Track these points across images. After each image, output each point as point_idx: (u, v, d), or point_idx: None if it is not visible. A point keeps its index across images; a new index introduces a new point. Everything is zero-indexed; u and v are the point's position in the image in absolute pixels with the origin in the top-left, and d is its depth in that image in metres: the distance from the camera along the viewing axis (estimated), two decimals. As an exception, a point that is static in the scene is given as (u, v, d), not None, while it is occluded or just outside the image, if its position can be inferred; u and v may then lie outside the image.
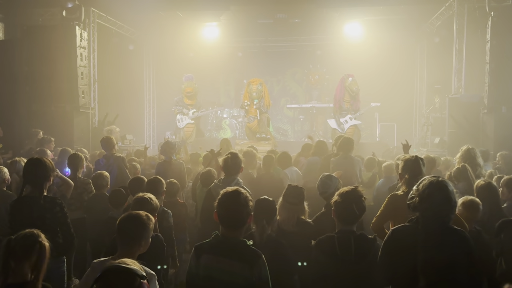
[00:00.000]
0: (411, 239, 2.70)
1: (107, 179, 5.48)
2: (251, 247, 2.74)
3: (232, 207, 2.75)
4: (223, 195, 2.82)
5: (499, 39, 9.29)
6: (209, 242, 2.76)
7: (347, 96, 12.86)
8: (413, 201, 2.78)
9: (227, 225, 2.77)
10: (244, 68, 17.01)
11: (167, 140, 7.55)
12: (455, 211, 2.81)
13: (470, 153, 5.43)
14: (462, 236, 2.77)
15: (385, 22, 14.05)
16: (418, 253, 2.64)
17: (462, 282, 2.67)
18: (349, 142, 6.34)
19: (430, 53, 14.67)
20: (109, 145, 6.72)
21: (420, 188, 2.78)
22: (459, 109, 10.61)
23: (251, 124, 12.56)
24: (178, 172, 6.60)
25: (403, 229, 2.83)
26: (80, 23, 10.73)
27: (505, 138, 9.03)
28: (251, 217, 2.82)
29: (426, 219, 2.72)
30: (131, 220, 2.87)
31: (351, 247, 2.99)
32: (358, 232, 3.12)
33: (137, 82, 16.18)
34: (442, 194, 2.73)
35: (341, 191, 3.22)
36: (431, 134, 12.78)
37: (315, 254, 3.11)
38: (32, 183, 3.86)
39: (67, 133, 10.13)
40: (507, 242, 3.32)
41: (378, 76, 14.46)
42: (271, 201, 3.57)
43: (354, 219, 3.13)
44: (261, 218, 3.36)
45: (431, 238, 2.68)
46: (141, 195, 3.69)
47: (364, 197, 3.22)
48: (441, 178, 2.86)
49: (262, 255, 2.72)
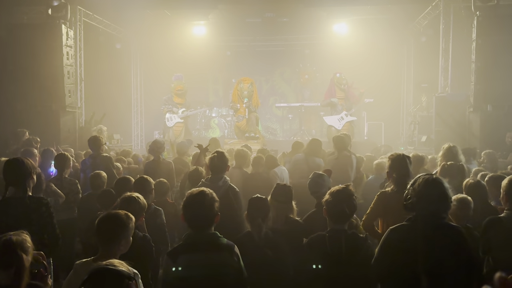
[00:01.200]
0: (410, 238, 2.71)
1: (104, 179, 5.41)
2: (222, 238, 2.79)
3: (197, 209, 2.78)
4: (188, 197, 2.84)
5: (484, 38, 9.40)
6: (182, 244, 2.77)
7: (339, 93, 12.90)
8: (410, 201, 2.79)
9: (194, 227, 2.80)
10: (232, 67, 16.97)
11: (155, 139, 7.48)
12: (451, 208, 2.83)
13: (452, 151, 5.47)
14: (460, 233, 2.80)
15: (373, 21, 14.13)
16: (418, 252, 2.64)
17: (461, 278, 2.69)
18: (342, 140, 6.31)
19: (417, 52, 14.80)
20: (96, 145, 6.63)
21: (416, 187, 2.79)
22: (445, 107, 10.71)
23: (240, 123, 12.53)
24: (167, 171, 6.55)
25: (401, 228, 2.83)
26: (66, 21, 10.57)
27: (490, 136, 9.15)
28: (218, 217, 2.84)
29: (424, 218, 2.73)
30: (109, 220, 2.83)
31: (342, 246, 2.99)
32: (349, 231, 3.11)
33: (125, 81, 16.03)
34: (438, 192, 2.75)
35: (332, 190, 3.21)
36: (418, 133, 12.88)
37: (306, 252, 3.10)
38: (14, 184, 3.78)
39: (53, 132, 9.99)
40: (494, 239, 3.34)
41: (366, 75, 14.53)
42: (264, 199, 3.56)
43: (345, 218, 3.12)
44: (256, 217, 3.36)
45: (431, 237, 2.69)
46: (128, 194, 3.64)
47: (355, 196, 3.22)
48: (435, 175, 2.87)
49: (235, 245, 2.78)
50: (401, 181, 3.74)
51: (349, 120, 12.80)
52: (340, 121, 12.78)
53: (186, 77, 14.71)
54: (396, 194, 3.73)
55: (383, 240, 2.86)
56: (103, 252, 2.71)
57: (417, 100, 14.61)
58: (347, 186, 3.23)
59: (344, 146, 6.14)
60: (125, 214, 2.87)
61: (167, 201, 5.32)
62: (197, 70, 16.02)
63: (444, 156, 5.49)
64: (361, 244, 3.05)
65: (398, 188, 3.75)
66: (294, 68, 17.51)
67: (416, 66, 14.95)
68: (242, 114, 12.45)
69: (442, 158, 5.52)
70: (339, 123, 12.74)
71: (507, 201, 3.45)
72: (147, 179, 4.50)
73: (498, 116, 9.43)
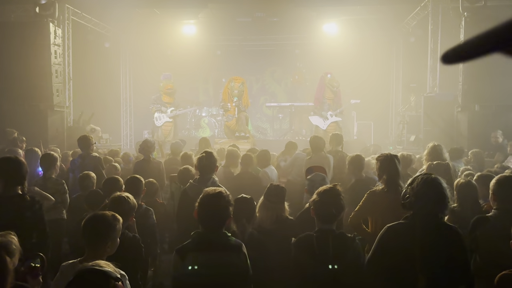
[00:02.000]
0: (408, 236, 2.73)
1: (93, 180, 5.35)
2: (231, 237, 2.80)
3: (213, 210, 2.77)
4: (205, 196, 2.81)
5: (472, 39, 9.48)
6: (191, 242, 2.75)
7: (329, 93, 12.94)
8: (409, 200, 2.80)
9: (206, 226, 2.78)
10: (223, 67, 16.93)
11: (145, 139, 7.43)
12: (448, 207, 2.85)
13: (437, 150, 5.52)
14: (456, 232, 2.83)
15: (362, 22, 14.21)
16: (416, 251, 2.66)
17: (457, 277, 2.72)
18: (318, 140, 6.33)
19: (405, 53, 14.92)
20: (86, 144, 6.57)
21: (414, 186, 2.81)
22: (434, 107, 10.82)
23: (229, 123, 12.51)
24: (157, 171, 6.50)
25: (399, 226, 2.84)
26: (54, 19, 10.47)
27: (478, 136, 9.25)
28: (230, 219, 2.85)
29: (422, 217, 2.75)
30: (96, 221, 2.79)
31: (329, 246, 2.99)
32: (337, 231, 3.11)
33: (113, 80, 15.91)
34: (437, 192, 2.77)
35: (320, 190, 3.20)
36: (406, 132, 12.95)
37: (294, 252, 3.11)
38: (13, 182, 3.77)
39: (41, 132, 9.87)
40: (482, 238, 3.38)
41: (355, 75, 14.63)
42: (249, 199, 3.56)
43: (333, 218, 3.12)
44: (241, 217, 3.36)
45: (429, 236, 2.71)
46: (117, 194, 3.60)
47: (342, 196, 3.21)
48: (433, 175, 2.89)
49: (243, 244, 2.79)
50: (392, 181, 3.77)
51: (334, 120, 12.86)
52: (325, 121, 12.83)
53: (176, 76, 14.66)
54: (387, 193, 3.75)
55: (380, 238, 2.87)
56: (90, 254, 2.69)
57: (406, 100, 14.72)
58: (334, 186, 3.23)
59: (320, 147, 6.16)
60: (112, 215, 2.84)
61: (156, 201, 5.29)
62: (187, 69, 15.98)
63: (429, 155, 5.54)
64: (349, 244, 3.05)
65: (389, 188, 3.77)
66: (285, 68, 17.55)
67: (405, 66, 15.07)
68: (231, 113, 12.43)
69: (427, 156, 5.58)
70: (323, 123, 12.81)
71: (495, 201, 3.49)
72: (139, 179, 4.47)
73: (486, 116, 9.54)
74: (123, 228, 3.43)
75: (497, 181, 3.50)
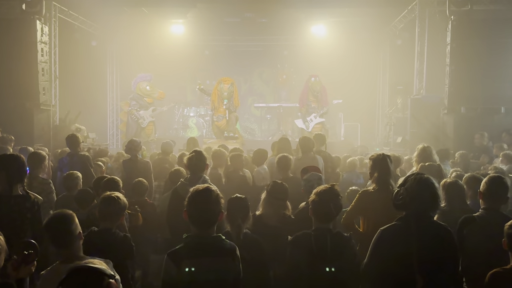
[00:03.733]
0: (404, 238, 2.75)
1: (79, 179, 5.27)
2: (226, 240, 2.72)
3: (204, 206, 2.67)
4: (193, 193, 2.71)
5: (458, 42, 9.65)
6: (185, 246, 2.66)
7: (311, 96, 13.00)
8: (402, 200, 2.83)
9: (198, 225, 2.69)
10: (211, 67, 16.90)
11: (131, 139, 7.36)
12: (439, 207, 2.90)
13: (426, 151, 5.60)
14: (448, 231, 2.87)
15: (350, 24, 14.32)
16: (413, 252, 2.68)
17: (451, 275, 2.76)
18: (307, 141, 6.37)
19: (392, 55, 15.07)
20: (74, 143, 6.51)
21: (408, 187, 2.83)
22: (420, 109, 10.95)
23: (219, 123, 12.49)
24: (144, 171, 6.46)
25: (393, 228, 2.85)
26: (41, 17, 10.30)
27: (464, 137, 9.40)
28: (222, 215, 2.77)
29: (417, 217, 2.78)
30: (57, 223, 2.75)
31: (327, 245, 2.99)
32: (334, 230, 3.12)
33: (100, 79, 15.75)
34: (430, 191, 2.81)
35: (318, 190, 3.21)
36: (393, 134, 13.09)
37: (291, 250, 3.10)
38: (15, 180, 3.76)
39: (27, 131, 9.74)
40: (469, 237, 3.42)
41: (343, 77, 14.73)
42: (244, 198, 3.54)
43: (331, 217, 3.13)
44: (236, 217, 3.33)
45: (424, 236, 2.74)
46: (107, 194, 3.56)
47: (340, 196, 3.24)
48: (425, 175, 2.92)
49: (237, 247, 2.74)
50: (383, 179, 3.80)
51: (318, 122, 12.93)
52: (310, 122, 12.91)
53: (163, 76, 14.56)
54: (378, 193, 3.79)
55: (375, 242, 2.87)
56: (66, 254, 2.67)
57: (393, 101, 14.86)
58: (332, 186, 3.24)
59: (309, 148, 6.20)
60: (66, 212, 2.81)
61: (146, 201, 5.25)
62: (175, 69, 15.89)
63: (419, 156, 5.61)
64: (345, 243, 3.06)
65: (379, 187, 3.81)
66: (273, 69, 17.60)
67: (392, 68, 15.22)
68: (222, 113, 12.42)
69: (417, 158, 5.64)
70: (308, 125, 12.89)
71: (483, 200, 3.54)
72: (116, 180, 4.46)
73: (471, 118, 9.70)
74: (114, 227, 3.42)
75: (485, 181, 3.56)
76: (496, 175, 3.66)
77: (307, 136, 7.04)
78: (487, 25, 9.58)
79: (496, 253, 3.25)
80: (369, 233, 3.26)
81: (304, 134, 12.09)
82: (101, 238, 3.32)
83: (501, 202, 3.53)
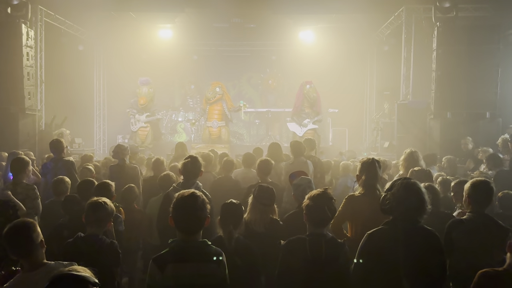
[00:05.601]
0: (390, 242, 2.75)
1: (67, 184, 5.19)
2: (212, 246, 2.72)
3: (189, 211, 2.68)
4: (178, 198, 2.72)
5: (444, 48, 9.77)
6: (170, 251, 2.66)
7: (306, 103, 12.97)
8: (389, 205, 2.83)
9: (184, 230, 2.69)
10: (199, 72, 16.89)
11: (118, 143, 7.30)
12: (427, 212, 2.89)
13: (413, 156, 5.64)
14: (435, 236, 2.88)
15: (337, 30, 14.45)
16: (399, 256, 2.69)
17: (437, 279, 2.77)
18: (298, 145, 6.38)
19: (379, 61, 15.23)
20: (58, 148, 6.41)
21: (395, 191, 2.84)
22: (407, 114, 11.05)
23: (213, 131, 12.61)
24: (132, 176, 6.39)
25: (380, 232, 2.86)
26: (27, 21, 10.19)
27: (450, 142, 9.49)
28: (208, 219, 2.76)
29: (404, 221, 2.79)
30: (16, 232, 2.69)
31: (322, 250, 2.99)
32: (328, 236, 3.11)
33: (87, 84, 15.61)
34: (417, 196, 2.83)
35: (312, 194, 3.20)
36: (380, 139, 13.21)
37: (284, 255, 3.08)
38: None
39: (12, 136, 9.61)
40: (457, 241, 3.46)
41: (330, 82, 14.81)
42: (238, 204, 3.53)
43: (326, 222, 3.13)
44: (228, 223, 3.32)
45: (410, 240, 2.75)
46: (94, 200, 3.51)
47: (334, 199, 3.23)
48: (412, 180, 2.94)
49: (223, 252, 2.72)
50: (369, 183, 3.82)
51: (311, 128, 12.96)
52: (302, 128, 12.93)
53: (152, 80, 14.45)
54: (364, 197, 3.80)
55: (362, 246, 2.88)
56: (29, 263, 2.63)
57: (380, 107, 15.01)
58: (325, 190, 3.23)
59: (301, 152, 6.21)
60: (26, 220, 2.77)
61: (134, 208, 5.19)
62: (163, 74, 15.83)
63: (406, 161, 5.64)
64: (340, 249, 3.06)
65: (366, 191, 3.82)
66: (261, 74, 17.65)
67: (378, 74, 15.38)
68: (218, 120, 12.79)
69: (403, 162, 5.67)
70: (300, 130, 12.90)
71: (469, 204, 3.58)
72: (109, 184, 4.41)
73: (457, 123, 9.81)
74: (100, 234, 3.37)
75: (471, 185, 3.60)
76: (481, 179, 3.71)
77: (298, 141, 7.05)
78: (472, 31, 9.72)
79: (484, 255, 3.29)
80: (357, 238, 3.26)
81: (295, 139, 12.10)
82: (87, 244, 3.27)
83: (487, 205, 3.60)
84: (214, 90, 12.90)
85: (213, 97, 12.78)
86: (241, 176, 6.09)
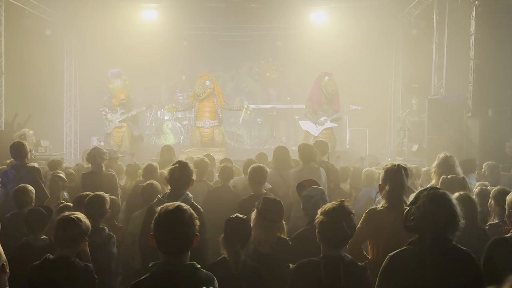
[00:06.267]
0: (416, 266, 2.74)
1: (31, 194, 5.21)
2: (201, 270, 2.71)
3: (174, 228, 2.67)
4: (161, 213, 2.71)
5: (484, 32, 9.75)
6: (150, 277, 2.65)
7: (323, 98, 12.94)
8: (414, 222, 2.83)
9: (168, 251, 2.69)
10: (190, 60, 16.92)
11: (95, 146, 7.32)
12: (459, 228, 2.87)
13: (448, 162, 5.60)
14: (471, 257, 2.85)
15: (355, 10, 14.42)
16: (428, 282, 2.68)
17: None
18: (309, 149, 6.38)
19: (406, 48, 15.25)
20: (20, 153, 6.42)
21: (420, 205, 2.84)
22: (439, 112, 11.06)
23: (205, 132, 12.60)
24: (109, 186, 6.38)
25: (404, 254, 2.84)
26: (-17, 0, 10.29)
27: (492, 145, 9.44)
28: (197, 238, 2.75)
29: (432, 241, 2.78)
30: None
31: (340, 275, 2.97)
32: (347, 259, 3.08)
33: (56, 76, 15.68)
34: (446, 209, 2.81)
35: (326, 209, 3.15)
36: (408, 141, 13.20)
37: (293, 281, 3.07)
38: None
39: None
40: (499, 261, 3.46)
41: (348, 74, 14.76)
42: (245, 219, 3.55)
43: (345, 241, 3.10)
44: (234, 242, 3.33)
45: (440, 263, 2.74)
46: (66, 215, 3.52)
47: (353, 213, 3.19)
48: (441, 190, 2.93)
49: (215, 278, 2.71)
50: (394, 194, 3.81)
51: (328, 127, 12.92)
52: (318, 126, 12.90)
53: (133, 71, 14.44)
54: (388, 211, 3.79)
55: (383, 271, 2.86)
56: None
57: (407, 103, 15.01)
58: (342, 202, 3.17)
59: (312, 157, 6.21)
60: None
61: (115, 225, 5.19)
62: (146, 62, 15.81)
63: (439, 167, 5.62)
64: (361, 274, 3.04)
65: (390, 203, 3.82)
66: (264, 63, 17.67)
67: (405, 63, 15.39)
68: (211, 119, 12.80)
69: (436, 169, 5.65)
70: (316, 129, 12.85)
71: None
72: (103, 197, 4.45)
73: (500, 122, 9.75)
74: (73, 256, 3.39)
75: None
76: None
77: (307, 144, 7.05)
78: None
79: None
80: (379, 260, 3.25)
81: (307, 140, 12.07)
82: (57, 268, 3.27)
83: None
84: (203, 84, 12.83)
85: (203, 92, 12.74)
86: (241, 185, 6.10)
